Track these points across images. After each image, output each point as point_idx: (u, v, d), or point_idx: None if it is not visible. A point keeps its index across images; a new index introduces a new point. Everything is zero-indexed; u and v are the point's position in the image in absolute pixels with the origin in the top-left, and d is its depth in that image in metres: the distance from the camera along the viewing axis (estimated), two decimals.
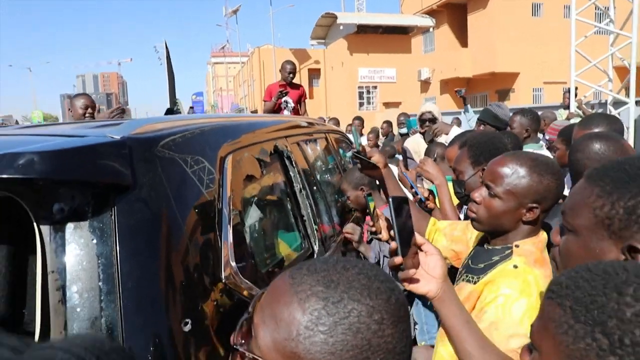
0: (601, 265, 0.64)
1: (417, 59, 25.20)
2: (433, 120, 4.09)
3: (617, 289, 0.59)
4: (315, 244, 2.04)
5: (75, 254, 0.96)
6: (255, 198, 1.73)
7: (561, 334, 0.61)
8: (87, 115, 3.57)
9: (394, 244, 0.95)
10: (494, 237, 1.32)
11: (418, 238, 0.96)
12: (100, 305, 0.94)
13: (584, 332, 0.59)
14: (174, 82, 16.13)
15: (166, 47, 17.06)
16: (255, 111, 38.04)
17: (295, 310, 0.58)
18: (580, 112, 7.01)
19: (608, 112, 7.81)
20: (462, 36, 22.82)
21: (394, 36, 25.16)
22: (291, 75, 5.47)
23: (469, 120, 4.94)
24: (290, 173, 2.09)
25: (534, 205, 1.21)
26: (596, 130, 2.07)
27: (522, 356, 0.70)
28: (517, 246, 1.25)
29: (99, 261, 0.96)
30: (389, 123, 8.56)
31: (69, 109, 3.73)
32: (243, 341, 0.63)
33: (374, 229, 2.22)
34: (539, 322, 0.67)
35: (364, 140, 7.77)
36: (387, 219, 1.14)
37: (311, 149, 2.71)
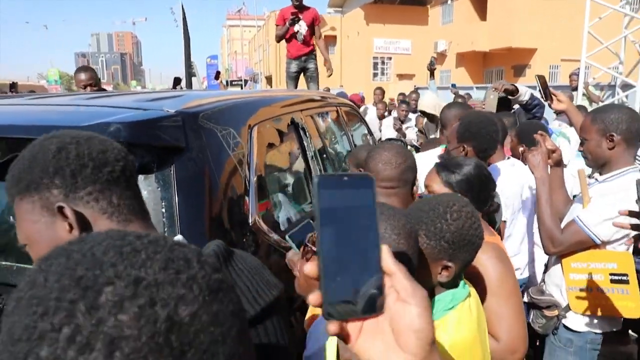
0: (433, 201, 1.21)
1: (433, 31, 24.93)
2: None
3: (439, 215, 1.16)
4: None
5: (146, 197, 1.31)
6: (275, 162, 2.08)
7: (422, 244, 1.14)
8: (87, 87, 3.78)
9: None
10: None
11: (386, 261, 0.49)
12: (164, 234, 1.30)
13: (434, 241, 1.14)
14: (190, 45, 16.31)
15: (182, 10, 17.15)
16: (270, 77, 37.88)
17: None
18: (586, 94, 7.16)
19: (616, 94, 7.95)
20: (481, 9, 22.48)
21: (411, 7, 24.85)
22: None
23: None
24: (304, 142, 2.42)
25: None
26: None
27: None
28: None
29: (163, 203, 1.32)
30: (403, 95, 8.76)
31: (73, 79, 3.87)
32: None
33: None
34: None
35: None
36: None
37: (323, 121, 3.03)
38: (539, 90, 2.63)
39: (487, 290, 1.42)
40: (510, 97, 3.88)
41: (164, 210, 1.32)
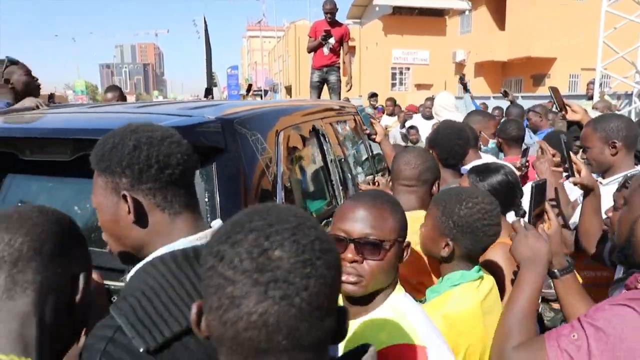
0: (464, 190, 1.54)
1: (451, 41, 25.05)
2: None
3: (458, 201, 1.44)
4: (340, 203, 2.62)
5: None
6: (299, 164, 2.32)
7: (434, 217, 1.47)
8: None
9: None
10: None
11: None
12: (208, 220, 1.54)
13: (445, 217, 1.44)
14: (211, 56, 16.83)
15: (205, 22, 17.69)
16: (290, 87, 38.33)
17: None
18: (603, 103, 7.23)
19: (633, 103, 8.00)
20: (499, 19, 22.55)
21: (429, 18, 25.06)
22: (329, 15, 5.66)
23: (466, 107, 5.31)
24: (324, 147, 2.65)
25: None
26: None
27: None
28: None
29: (206, 194, 1.57)
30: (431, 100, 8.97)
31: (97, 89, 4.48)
32: None
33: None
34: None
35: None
36: None
37: (341, 128, 3.27)
38: (553, 102, 2.79)
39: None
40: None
41: (206, 200, 1.56)
